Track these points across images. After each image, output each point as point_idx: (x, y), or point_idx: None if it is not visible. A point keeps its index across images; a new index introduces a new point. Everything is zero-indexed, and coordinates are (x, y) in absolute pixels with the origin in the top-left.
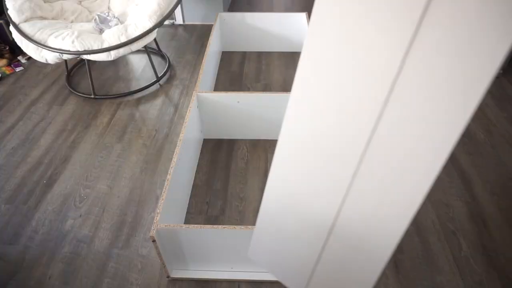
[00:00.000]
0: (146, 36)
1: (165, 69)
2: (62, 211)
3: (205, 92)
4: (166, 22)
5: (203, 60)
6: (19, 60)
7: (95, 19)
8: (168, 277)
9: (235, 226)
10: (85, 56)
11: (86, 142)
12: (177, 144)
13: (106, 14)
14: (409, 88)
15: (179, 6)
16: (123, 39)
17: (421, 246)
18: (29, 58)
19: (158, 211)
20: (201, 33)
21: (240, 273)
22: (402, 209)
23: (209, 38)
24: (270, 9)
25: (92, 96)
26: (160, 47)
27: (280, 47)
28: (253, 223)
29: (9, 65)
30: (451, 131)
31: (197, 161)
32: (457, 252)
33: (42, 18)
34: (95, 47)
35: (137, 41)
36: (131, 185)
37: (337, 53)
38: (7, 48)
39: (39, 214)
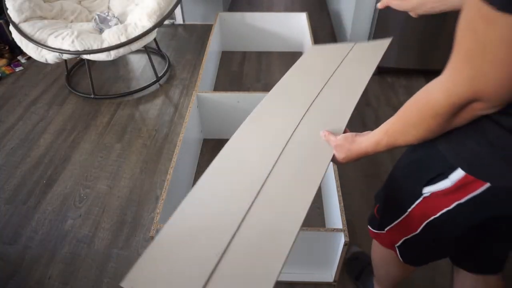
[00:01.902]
0: (146, 36)
1: (165, 69)
2: (62, 211)
3: (205, 92)
4: (166, 22)
5: (203, 60)
6: (18, 60)
7: (94, 19)
8: None
9: None
10: (85, 56)
11: (86, 142)
12: (177, 144)
13: (106, 13)
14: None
15: (179, 6)
16: (123, 39)
17: None
18: (29, 58)
19: (158, 211)
20: (201, 33)
21: None
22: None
23: (209, 38)
24: (270, 9)
25: (92, 96)
26: (160, 47)
27: (280, 47)
28: None
29: (8, 65)
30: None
31: (197, 161)
32: None
33: (42, 17)
34: (95, 47)
35: (137, 41)
36: (131, 185)
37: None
38: (7, 48)
39: (39, 214)
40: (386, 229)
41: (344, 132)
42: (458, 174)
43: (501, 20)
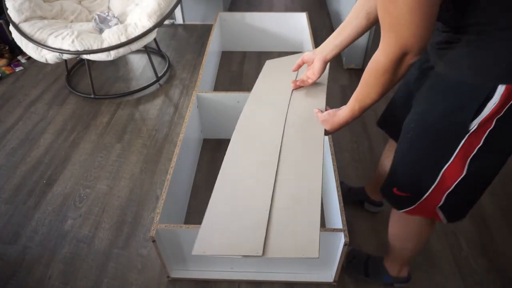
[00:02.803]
0: (146, 36)
1: (165, 69)
2: (62, 211)
3: (205, 92)
4: (166, 22)
5: (203, 60)
6: (19, 60)
7: (94, 19)
8: (168, 277)
9: None
10: (85, 56)
11: (86, 142)
12: (177, 144)
13: (106, 13)
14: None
15: (179, 5)
16: (123, 39)
17: None
18: (29, 58)
19: (158, 211)
20: (201, 33)
21: (240, 273)
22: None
23: (209, 38)
24: (270, 9)
25: (92, 96)
26: (160, 47)
27: (280, 47)
28: None
29: (9, 65)
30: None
31: (197, 161)
32: (457, 252)
33: (42, 17)
34: (95, 47)
35: (137, 41)
36: (131, 185)
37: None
38: (7, 48)
39: (39, 214)
40: (426, 194)
41: (326, 110)
42: (499, 91)
43: None
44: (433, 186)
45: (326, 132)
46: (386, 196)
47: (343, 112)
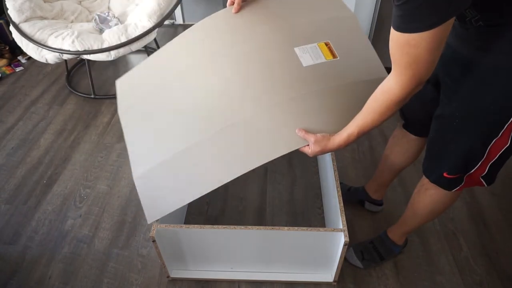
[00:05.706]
0: (146, 36)
1: None
2: (62, 211)
3: None
4: (166, 22)
5: None
6: (19, 60)
7: (95, 19)
8: (168, 277)
9: (235, 226)
10: (85, 56)
11: (86, 142)
12: None
13: (106, 14)
14: None
15: (179, 6)
16: (123, 39)
17: (421, 246)
18: (29, 58)
19: None
20: None
21: (240, 273)
22: None
23: None
24: None
25: (92, 96)
26: (160, 47)
27: None
28: (253, 223)
29: (9, 65)
30: None
31: None
32: (457, 252)
33: (42, 18)
34: (95, 47)
35: (137, 41)
36: (131, 185)
37: None
38: (7, 48)
39: (39, 214)
40: (474, 169)
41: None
42: None
43: (415, 39)
44: (481, 161)
45: (311, 153)
46: (436, 181)
47: (339, 138)
